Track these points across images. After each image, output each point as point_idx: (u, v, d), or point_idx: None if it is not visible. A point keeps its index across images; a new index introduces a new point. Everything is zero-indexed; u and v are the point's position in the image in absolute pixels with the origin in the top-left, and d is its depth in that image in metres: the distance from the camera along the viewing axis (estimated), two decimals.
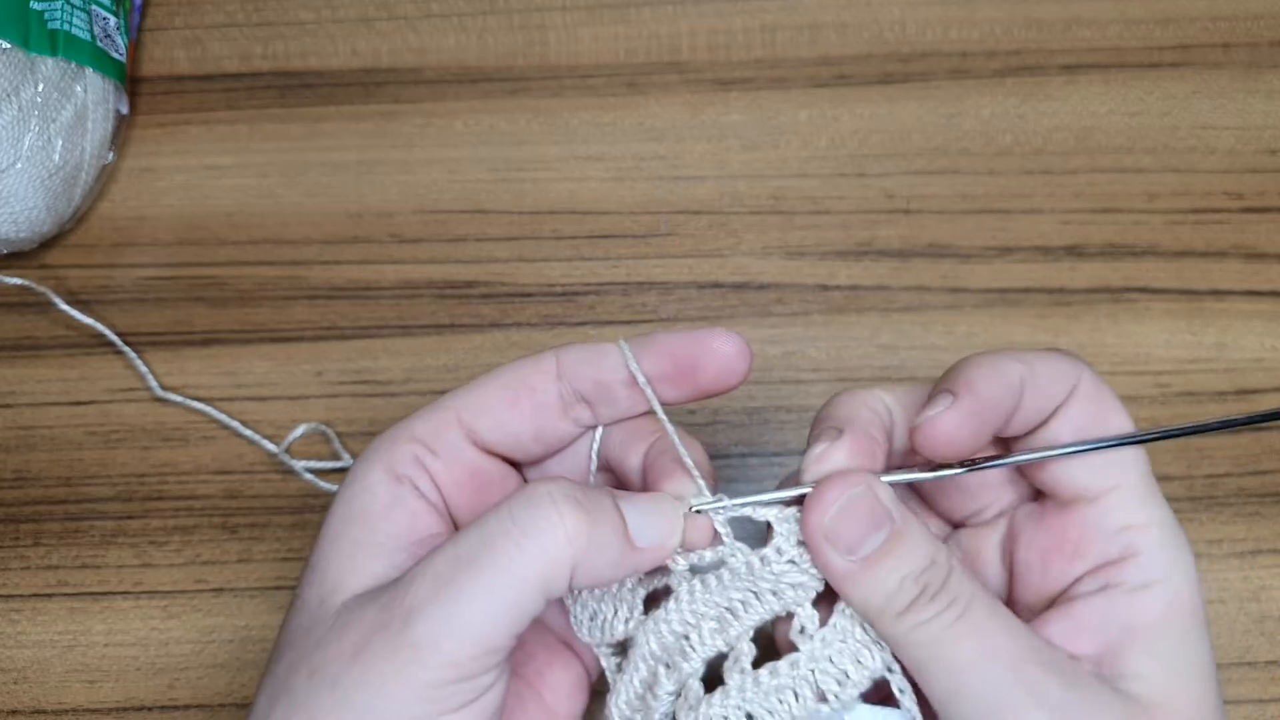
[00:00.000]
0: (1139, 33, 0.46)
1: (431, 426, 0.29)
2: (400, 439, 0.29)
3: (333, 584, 0.27)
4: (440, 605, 0.24)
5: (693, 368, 0.29)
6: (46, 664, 0.39)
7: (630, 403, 0.30)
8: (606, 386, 0.29)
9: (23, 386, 0.43)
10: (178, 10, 0.49)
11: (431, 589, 0.25)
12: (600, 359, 0.29)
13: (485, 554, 0.25)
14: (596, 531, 0.26)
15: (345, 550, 0.27)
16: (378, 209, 0.45)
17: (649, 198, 0.45)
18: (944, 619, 0.25)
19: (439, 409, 0.30)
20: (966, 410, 0.26)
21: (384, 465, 0.29)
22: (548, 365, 0.29)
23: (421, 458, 0.29)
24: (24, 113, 0.40)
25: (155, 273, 0.44)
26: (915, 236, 0.44)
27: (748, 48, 0.47)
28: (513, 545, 0.25)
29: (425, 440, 0.29)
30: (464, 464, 0.29)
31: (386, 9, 0.48)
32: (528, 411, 0.29)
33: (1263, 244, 0.43)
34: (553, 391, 0.29)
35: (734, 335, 0.29)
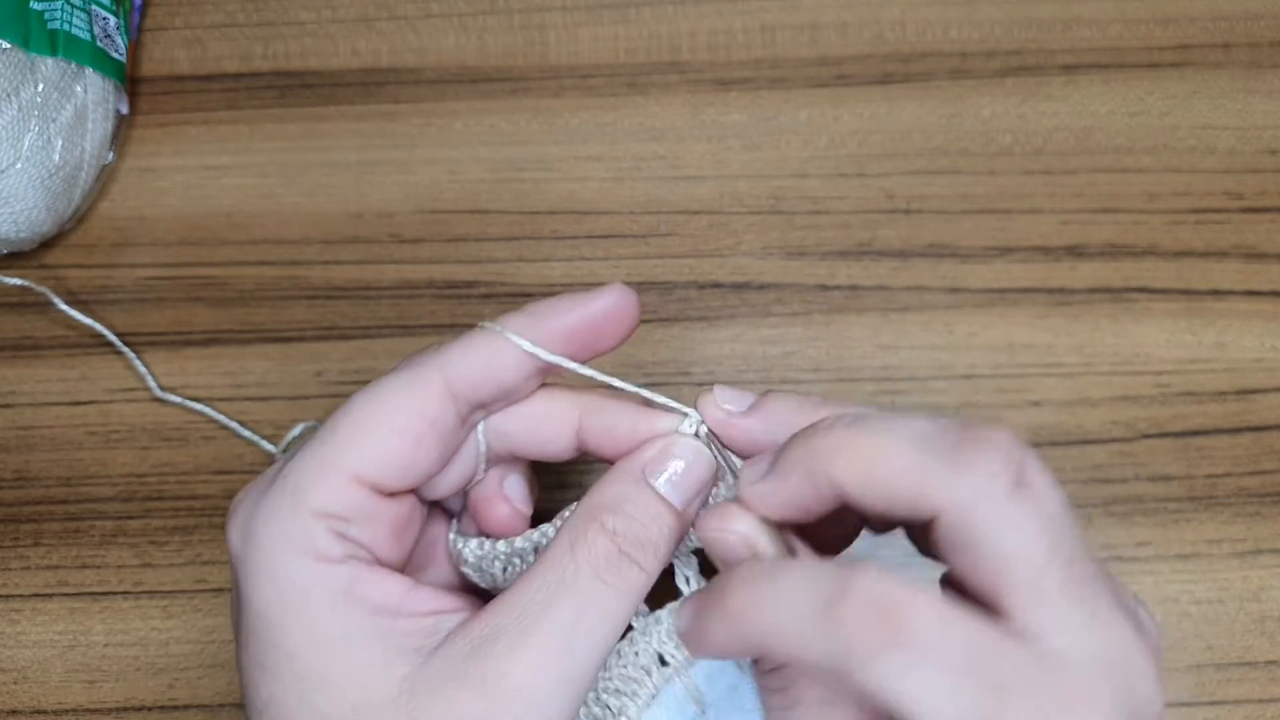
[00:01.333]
0: (1139, 33, 0.46)
1: (332, 495, 0.26)
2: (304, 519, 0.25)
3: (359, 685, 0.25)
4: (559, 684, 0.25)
5: (594, 335, 0.28)
6: (46, 664, 0.39)
7: (530, 390, 0.29)
8: (508, 389, 0.28)
9: (23, 386, 0.43)
10: (178, 10, 0.49)
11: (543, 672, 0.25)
12: (495, 363, 0.27)
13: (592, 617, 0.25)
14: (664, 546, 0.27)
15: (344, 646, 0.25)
16: (378, 209, 0.45)
17: (649, 198, 0.45)
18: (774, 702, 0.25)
19: (329, 472, 0.26)
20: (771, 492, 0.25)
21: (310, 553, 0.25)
22: (438, 387, 0.27)
23: (342, 531, 0.26)
24: (24, 113, 0.40)
25: (155, 273, 0.44)
26: (915, 236, 0.44)
27: (748, 48, 0.47)
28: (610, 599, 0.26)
29: (334, 513, 0.26)
30: (380, 520, 0.27)
31: (386, 9, 0.48)
32: (433, 446, 0.27)
33: (1263, 244, 0.43)
34: (449, 413, 0.27)
35: (622, 289, 0.28)
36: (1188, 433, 0.41)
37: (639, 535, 0.26)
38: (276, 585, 0.25)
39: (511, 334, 0.27)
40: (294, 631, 0.25)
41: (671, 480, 0.28)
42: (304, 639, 0.25)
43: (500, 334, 0.27)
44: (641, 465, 0.28)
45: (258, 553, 0.25)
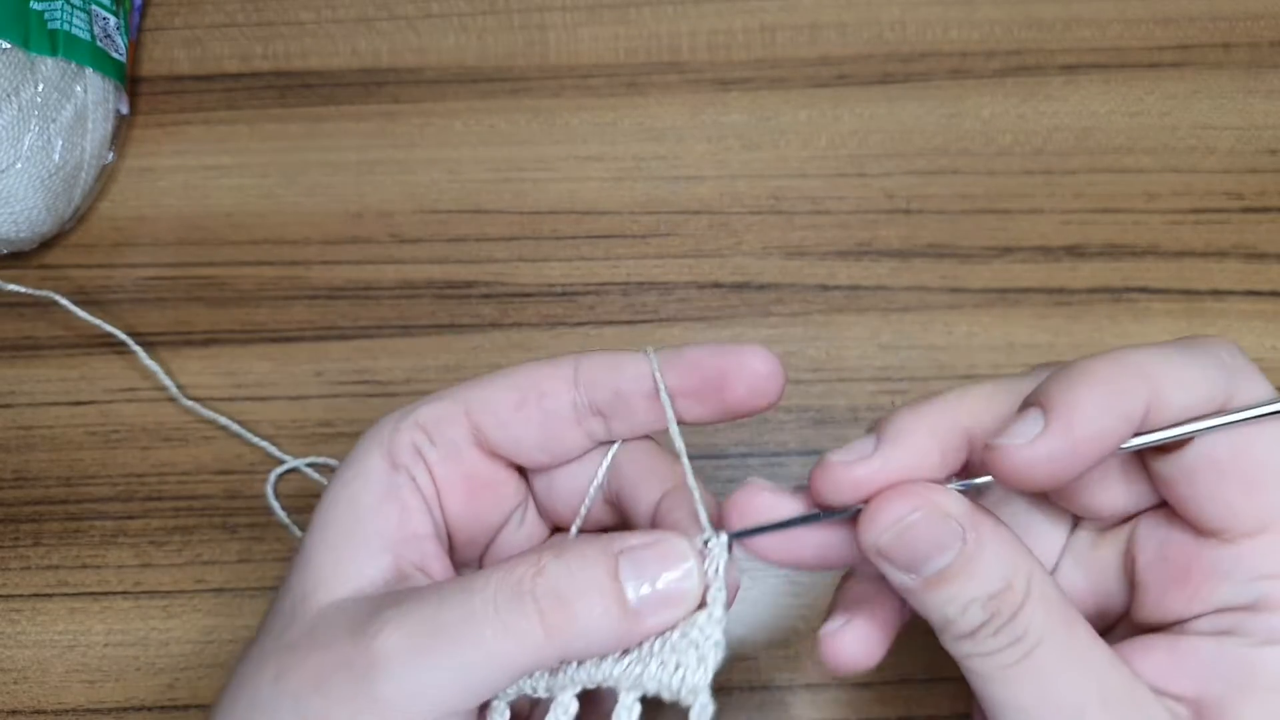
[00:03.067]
0: (1139, 33, 0.46)
1: (436, 416, 0.28)
2: (404, 425, 0.28)
3: (315, 579, 0.26)
4: (410, 669, 0.23)
5: (721, 384, 0.27)
6: (46, 664, 0.39)
7: (649, 417, 0.28)
8: (625, 397, 0.28)
9: (23, 386, 0.43)
10: (178, 10, 0.49)
11: (404, 648, 0.23)
12: (621, 366, 0.28)
13: (464, 630, 0.23)
14: (583, 625, 0.23)
15: (331, 542, 0.26)
16: (378, 209, 0.45)
17: (649, 198, 0.45)
18: (1006, 656, 0.23)
19: (447, 400, 0.28)
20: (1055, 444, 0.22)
21: (382, 451, 0.27)
22: (564, 371, 0.28)
23: (421, 448, 0.28)
24: (24, 113, 0.40)
25: (155, 273, 0.44)
26: (915, 236, 0.44)
27: (748, 48, 0.47)
28: (490, 631, 0.23)
29: (428, 429, 0.28)
30: (462, 462, 0.28)
31: (386, 9, 0.48)
32: (535, 417, 0.28)
33: (1263, 244, 0.43)
34: (565, 399, 0.28)
35: (768, 353, 0.27)
36: None
37: (561, 590, 0.24)
38: (346, 465, 0.28)
39: (650, 348, 0.28)
40: (323, 509, 0.27)
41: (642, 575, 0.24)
42: (323, 518, 0.27)
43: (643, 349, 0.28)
44: (619, 546, 0.25)
45: (360, 440, 0.28)
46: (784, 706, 0.38)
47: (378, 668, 0.23)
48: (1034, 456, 0.22)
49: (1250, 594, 0.23)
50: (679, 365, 0.27)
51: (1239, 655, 0.23)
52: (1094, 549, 0.27)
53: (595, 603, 0.24)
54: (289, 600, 0.26)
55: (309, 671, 0.24)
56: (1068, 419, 0.22)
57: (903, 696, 0.37)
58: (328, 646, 0.24)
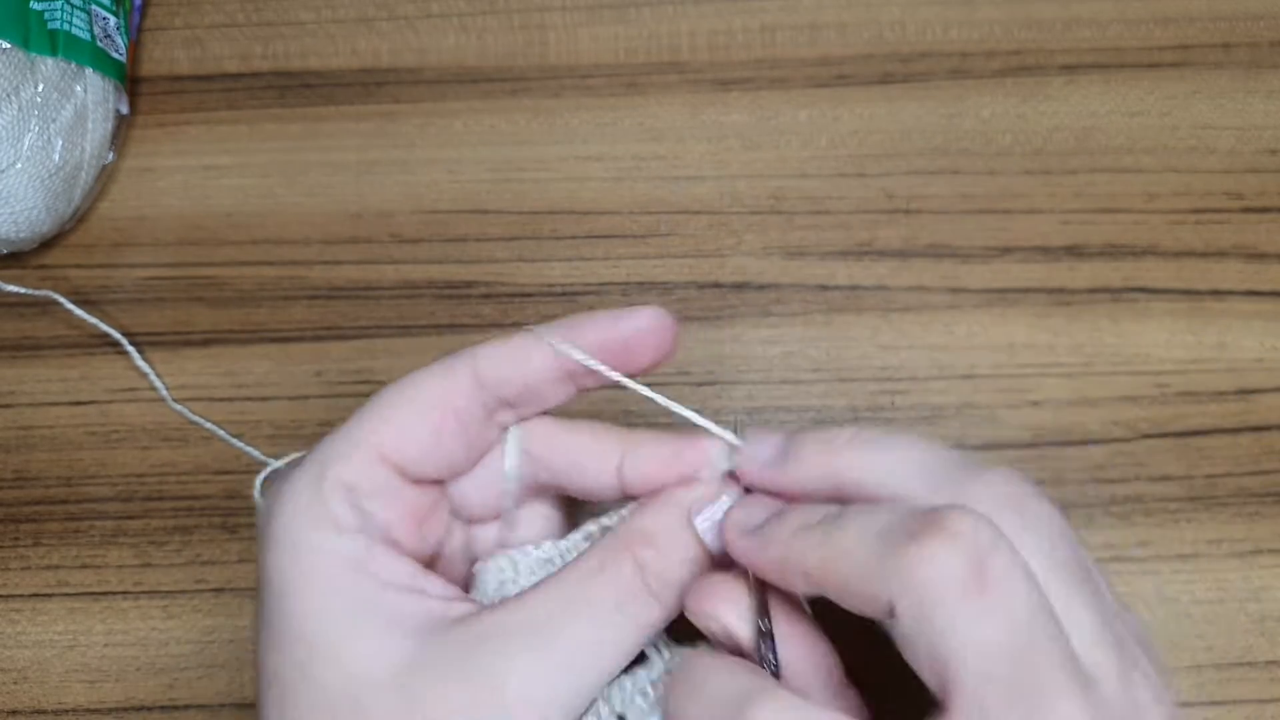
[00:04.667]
0: (1139, 33, 0.46)
1: (354, 469, 0.26)
2: (325, 489, 0.26)
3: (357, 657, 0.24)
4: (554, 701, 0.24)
5: (626, 351, 0.27)
6: (46, 664, 0.39)
7: (559, 396, 0.28)
8: (535, 387, 0.28)
9: (23, 386, 0.43)
10: (178, 10, 0.49)
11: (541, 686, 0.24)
12: (525, 360, 0.27)
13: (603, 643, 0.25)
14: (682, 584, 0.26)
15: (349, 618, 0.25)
16: (378, 209, 0.45)
17: (649, 198, 0.45)
18: None
19: (356, 448, 0.26)
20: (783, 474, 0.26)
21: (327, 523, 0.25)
22: (465, 377, 0.27)
23: (359, 504, 0.26)
24: (24, 113, 0.40)
25: (155, 273, 0.44)
26: (915, 236, 0.44)
27: (748, 48, 0.47)
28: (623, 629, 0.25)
29: (353, 485, 0.26)
30: (400, 502, 0.27)
31: (386, 9, 0.48)
32: (455, 433, 0.27)
33: (1263, 244, 0.43)
34: (475, 403, 0.27)
35: (657, 310, 0.28)
36: (1188, 433, 0.41)
37: (668, 575, 0.26)
38: (290, 552, 0.25)
39: (539, 329, 0.28)
40: (301, 598, 0.25)
41: (712, 520, 0.27)
42: (310, 607, 0.25)
43: (528, 331, 0.28)
44: (688, 502, 0.27)
45: (278, 521, 0.26)
46: None
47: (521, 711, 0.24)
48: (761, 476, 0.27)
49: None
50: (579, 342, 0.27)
51: None
52: None
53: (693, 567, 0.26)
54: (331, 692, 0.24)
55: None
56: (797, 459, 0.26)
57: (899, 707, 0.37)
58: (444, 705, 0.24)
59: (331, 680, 0.24)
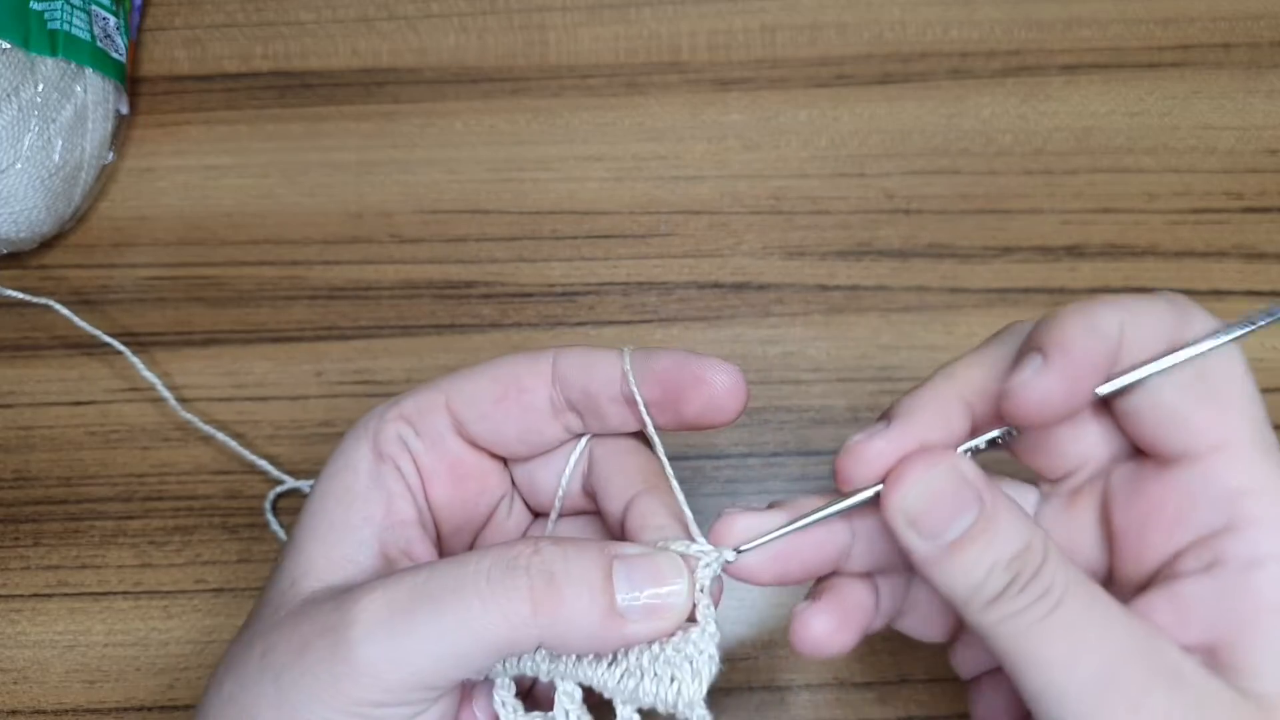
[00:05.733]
0: (1139, 33, 0.46)
1: (419, 407, 0.29)
2: (389, 416, 0.29)
3: (305, 565, 0.27)
4: (389, 635, 0.24)
5: (678, 394, 0.27)
6: (46, 664, 0.39)
7: (619, 420, 0.28)
8: (594, 398, 0.28)
9: (23, 386, 0.43)
10: (178, 10, 0.49)
11: (384, 614, 0.24)
12: (593, 367, 0.28)
13: (450, 599, 0.24)
14: (568, 611, 0.24)
15: (321, 531, 0.27)
16: (378, 209, 0.45)
17: (649, 198, 0.45)
18: (1034, 611, 0.23)
19: (430, 390, 0.29)
20: (1059, 372, 0.24)
21: (369, 442, 0.28)
22: (543, 365, 0.28)
23: (406, 438, 0.29)
24: (24, 113, 0.40)
25: (155, 273, 0.44)
26: (915, 236, 0.44)
27: (748, 48, 0.47)
28: (478, 602, 0.24)
29: (412, 420, 0.29)
30: (446, 452, 0.29)
31: (386, 9, 0.48)
32: (514, 411, 0.28)
33: (1263, 244, 0.43)
34: (543, 394, 0.28)
35: (730, 368, 0.27)
36: None
37: (554, 573, 0.24)
38: (334, 456, 0.29)
39: (627, 350, 0.28)
40: (312, 499, 0.28)
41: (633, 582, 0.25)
42: (312, 508, 0.28)
43: (618, 349, 0.28)
44: (616, 550, 0.25)
45: (348, 433, 0.29)
46: (784, 706, 0.38)
47: (356, 630, 0.24)
48: (1043, 390, 0.24)
49: (1223, 515, 0.24)
50: (646, 374, 0.27)
51: (1232, 586, 0.23)
52: (1067, 513, 0.28)
53: (583, 594, 0.24)
54: (278, 588, 0.27)
55: (292, 644, 0.25)
56: (1062, 350, 0.24)
57: (903, 697, 0.37)
58: (311, 619, 0.25)
59: (282, 577, 0.27)
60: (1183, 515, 0.24)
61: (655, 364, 0.27)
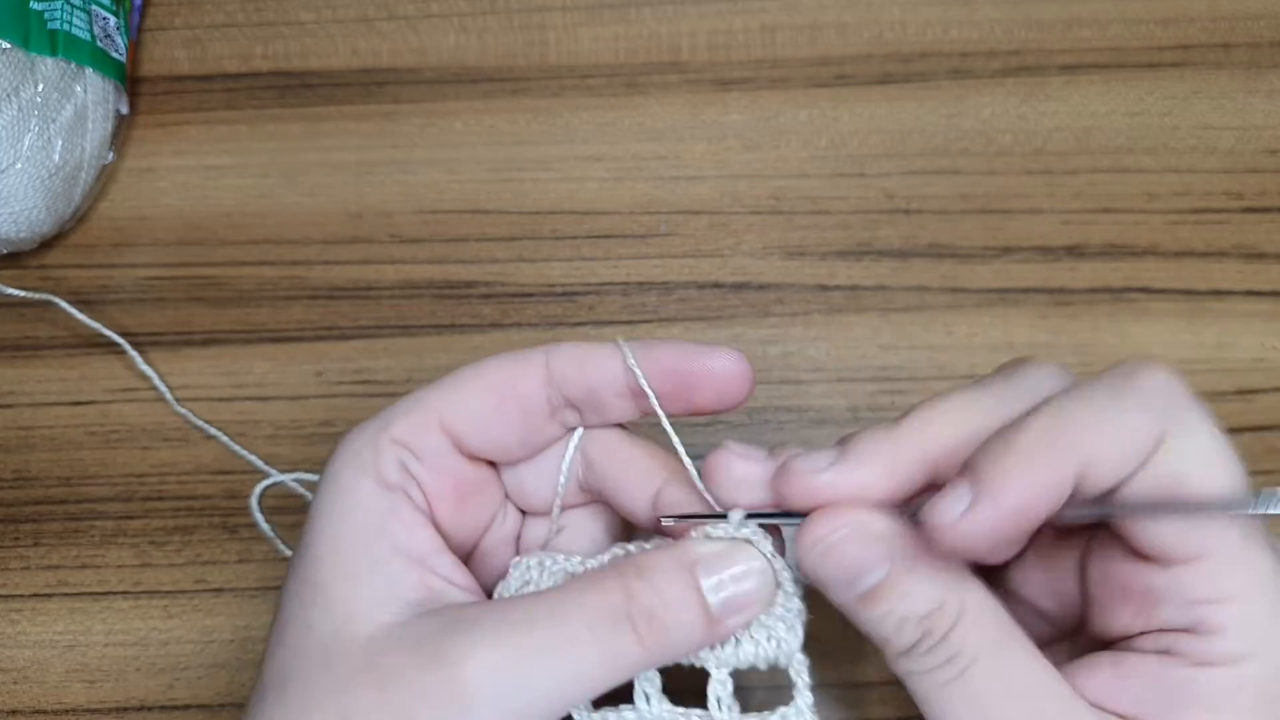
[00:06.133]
0: (1139, 33, 0.46)
1: (413, 429, 0.27)
2: (382, 443, 0.27)
3: (345, 612, 0.25)
4: (506, 694, 0.23)
5: (689, 385, 0.27)
6: (46, 664, 0.39)
7: (620, 411, 0.28)
8: (596, 394, 0.28)
9: (23, 386, 0.43)
10: (178, 10, 0.49)
11: (497, 679, 0.23)
12: (592, 363, 0.28)
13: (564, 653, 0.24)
14: (674, 637, 0.25)
15: (351, 574, 0.26)
16: (378, 209, 0.45)
17: (649, 198, 0.45)
18: (941, 674, 0.24)
19: (419, 409, 0.28)
20: (983, 520, 0.22)
21: (368, 473, 0.27)
22: (536, 366, 0.28)
23: (407, 464, 0.27)
24: (24, 113, 0.40)
25: (155, 273, 0.44)
26: (915, 236, 0.44)
27: (748, 48, 0.47)
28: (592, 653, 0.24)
29: (408, 444, 0.27)
30: (448, 471, 0.28)
31: (386, 9, 0.48)
32: (514, 417, 0.28)
33: (1263, 244, 0.43)
34: (540, 395, 0.28)
35: (737, 354, 0.27)
36: None
37: (654, 611, 0.25)
38: (332, 494, 0.27)
39: (622, 341, 0.28)
40: (323, 541, 0.26)
41: (720, 584, 0.26)
42: (326, 551, 0.26)
43: (615, 342, 0.28)
44: (694, 558, 0.26)
45: (334, 463, 0.27)
46: None
47: (472, 695, 0.23)
48: (965, 533, 0.23)
49: (1188, 617, 0.24)
50: (652, 366, 0.27)
51: (1177, 675, 0.23)
52: (1055, 551, 0.27)
53: (684, 618, 0.25)
54: (315, 639, 0.25)
55: (386, 707, 0.24)
56: (993, 496, 0.22)
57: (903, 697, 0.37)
58: (402, 679, 0.24)
59: (319, 625, 0.25)
60: (1149, 608, 0.24)
61: (659, 356, 0.27)
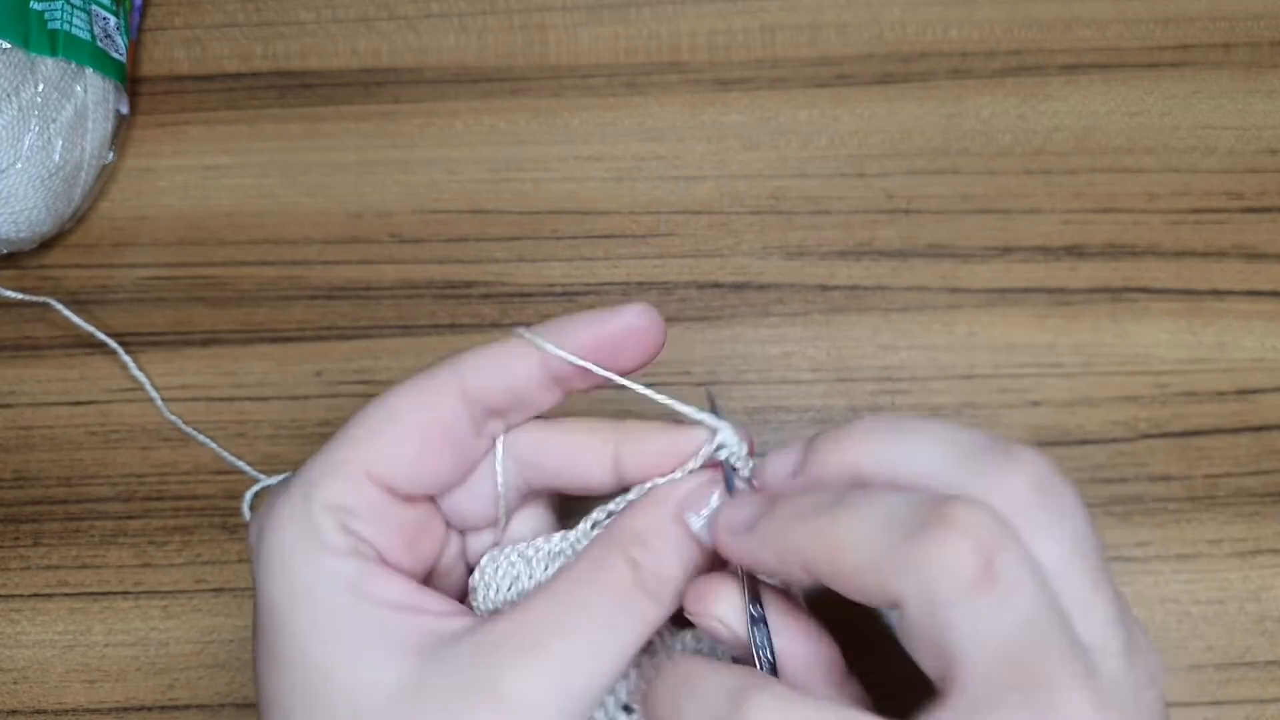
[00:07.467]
0: (1139, 33, 0.46)
1: (342, 491, 0.26)
2: (316, 512, 0.26)
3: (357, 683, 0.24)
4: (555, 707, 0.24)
5: (612, 350, 0.27)
6: (46, 664, 0.39)
7: (546, 400, 0.28)
8: (519, 394, 0.27)
9: (23, 386, 0.43)
10: (178, 10, 0.49)
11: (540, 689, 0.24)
12: (509, 366, 0.27)
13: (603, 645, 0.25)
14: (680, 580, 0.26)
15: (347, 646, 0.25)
16: (378, 209, 0.45)
17: (649, 198, 0.45)
18: None
19: (342, 468, 0.26)
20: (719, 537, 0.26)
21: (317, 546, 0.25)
22: (449, 389, 0.27)
23: (349, 526, 0.26)
24: (24, 113, 0.40)
25: (155, 273, 0.44)
26: (915, 236, 0.44)
27: (748, 48, 0.47)
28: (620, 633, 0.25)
29: (342, 506, 0.26)
30: (389, 521, 0.27)
31: (386, 9, 0.48)
32: (442, 448, 0.27)
33: (1263, 244, 0.43)
34: (462, 417, 0.27)
35: (643, 306, 0.27)
36: (1188, 433, 0.41)
37: (661, 571, 0.26)
38: (285, 577, 0.25)
39: (527, 332, 0.27)
40: (300, 623, 0.25)
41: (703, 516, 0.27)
42: (309, 631, 0.25)
43: (518, 335, 0.27)
44: (678, 500, 0.27)
45: (269, 546, 0.26)
46: None
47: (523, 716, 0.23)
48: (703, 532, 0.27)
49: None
50: (567, 345, 0.27)
51: None
52: None
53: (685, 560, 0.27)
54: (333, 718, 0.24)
55: None
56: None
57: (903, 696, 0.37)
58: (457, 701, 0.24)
59: (332, 703, 0.24)
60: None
61: (574, 333, 0.27)
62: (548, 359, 0.27)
